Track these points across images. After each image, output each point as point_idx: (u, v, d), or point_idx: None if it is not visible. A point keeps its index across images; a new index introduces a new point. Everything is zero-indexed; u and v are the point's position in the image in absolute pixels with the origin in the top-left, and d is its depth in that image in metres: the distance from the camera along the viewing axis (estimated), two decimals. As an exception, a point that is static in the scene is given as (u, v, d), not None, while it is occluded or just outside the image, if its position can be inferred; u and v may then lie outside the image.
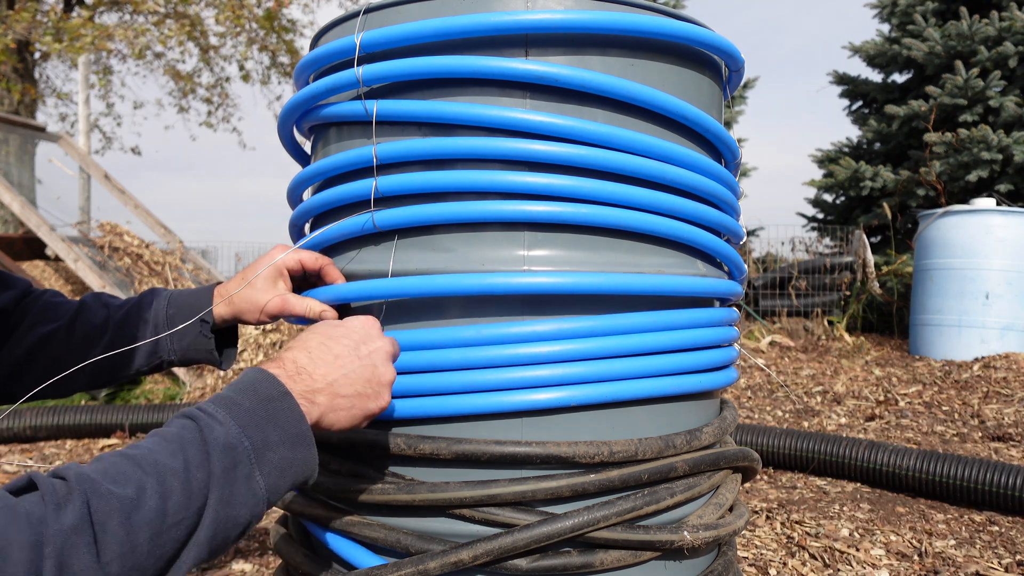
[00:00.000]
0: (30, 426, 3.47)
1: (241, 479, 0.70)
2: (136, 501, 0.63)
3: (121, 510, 0.62)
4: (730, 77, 1.16)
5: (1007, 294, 5.00)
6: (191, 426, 0.71)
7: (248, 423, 0.72)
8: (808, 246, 7.98)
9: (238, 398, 0.74)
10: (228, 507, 0.69)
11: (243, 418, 0.72)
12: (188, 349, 1.09)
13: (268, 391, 0.76)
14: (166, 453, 0.67)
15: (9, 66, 9.80)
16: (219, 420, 0.71)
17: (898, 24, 8.18)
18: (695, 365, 1.03)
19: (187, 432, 0.70)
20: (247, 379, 0.77)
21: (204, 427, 0.70)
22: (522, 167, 0.94)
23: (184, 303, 1.09)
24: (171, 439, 0.69)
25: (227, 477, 0.69)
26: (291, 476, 0.75)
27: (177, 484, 0.66)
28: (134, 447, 0.68)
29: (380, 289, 0.98)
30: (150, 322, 1.09)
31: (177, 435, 0.69)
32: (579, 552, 0.95)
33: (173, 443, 0.68)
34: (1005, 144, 6.58)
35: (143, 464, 0.65)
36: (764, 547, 2.07)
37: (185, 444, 0.68)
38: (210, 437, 0.69)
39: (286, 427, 0.75)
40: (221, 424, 0.71)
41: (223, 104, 12.64)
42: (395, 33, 0.94)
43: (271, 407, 0.75)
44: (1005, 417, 3.46)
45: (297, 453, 0.75)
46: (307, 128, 1.14)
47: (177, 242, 5.74)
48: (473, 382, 0.94)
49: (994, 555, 2.04)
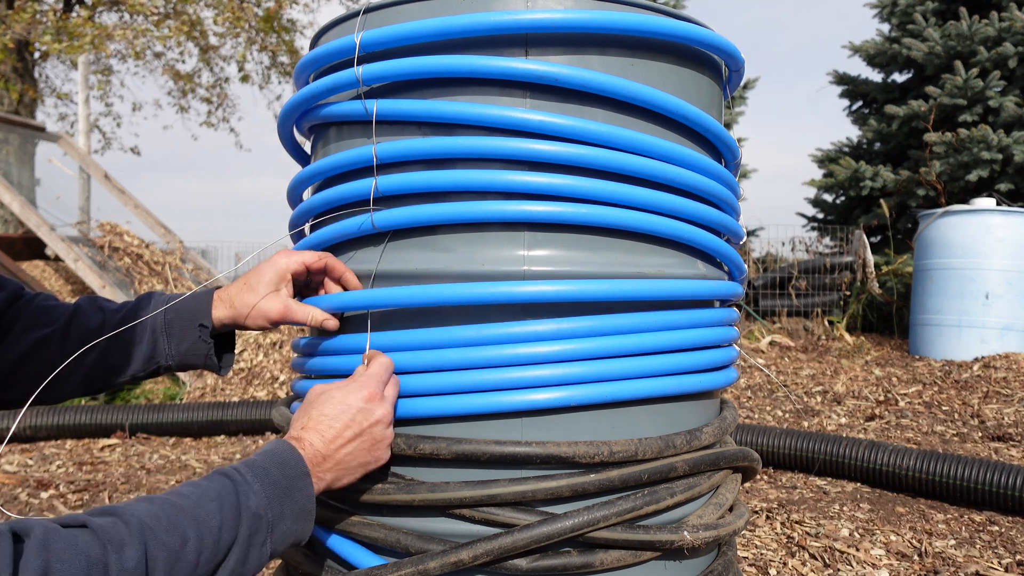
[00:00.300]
0: (30, 426, 3.47)
1: (256, 545, 0.81)
2: (180, 552, 0.73)
3: (168, 558, 0.72)
4: (730, 77, 1.16)
5: (1007, 294, 5.00)
6: (231, 488, 0.81)
7: (273, 496, 0.83)
8: (808, 246, 7.98)
9: (270, 469, 0.85)
10: (241, 566, 0.80)
11: (270, 490, 0.83)
12: (186, 354, 1.07)
13: (294, 468, 0.86)
14: (208, 511, 0.78)
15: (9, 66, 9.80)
16: (254, 490, 0.82)
17: (898, 24, 8.19)
18: (695, 365, 1.03)
19: (226, 493, 0.80)
20: (278, 452, 0.87)
21: (241, 493, 0.81)
22: (522, 167, 0.94)
23: (182, 307, 1.07)
24: (212, 497, 0.79)
25: (248, 542, 0.80)
26: (289, 542, 0.86)
27: (211, 541, 0.76)
28: (180, 495, 0.78)
29: (379, 299, 0.98)
30: (147, 326, 1.07)
31: (218, 494, 0.80)
32: (579, 552, 0.95)
33: (214, 501, 0.79)
34: (1005, 144, 6.58)
35: (190, 516, 0.76)
36: (764, 547, 2.07)
37: (223, 505, 0.79)
38: (243, 504, 0.80)
39: (299, 503, 0.86)
40: (255, 494, 0.82)
41: (223, 104, 12.64)
42: (395, 33, 0.94)
43: (292, 484, 0.85)
44: (1005, 417, 3.46)
45: (299, 525, 0.86)
46: (307, 128, 1.13)
47: (177, 242, 5.74)
48: (473, 382, 0.93)
49: (994, 555, 2.04)
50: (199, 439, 3.62)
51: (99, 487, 2.81)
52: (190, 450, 3.42)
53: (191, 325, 1.06)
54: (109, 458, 3.26)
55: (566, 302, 0.95)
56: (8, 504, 2.63)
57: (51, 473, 3.03)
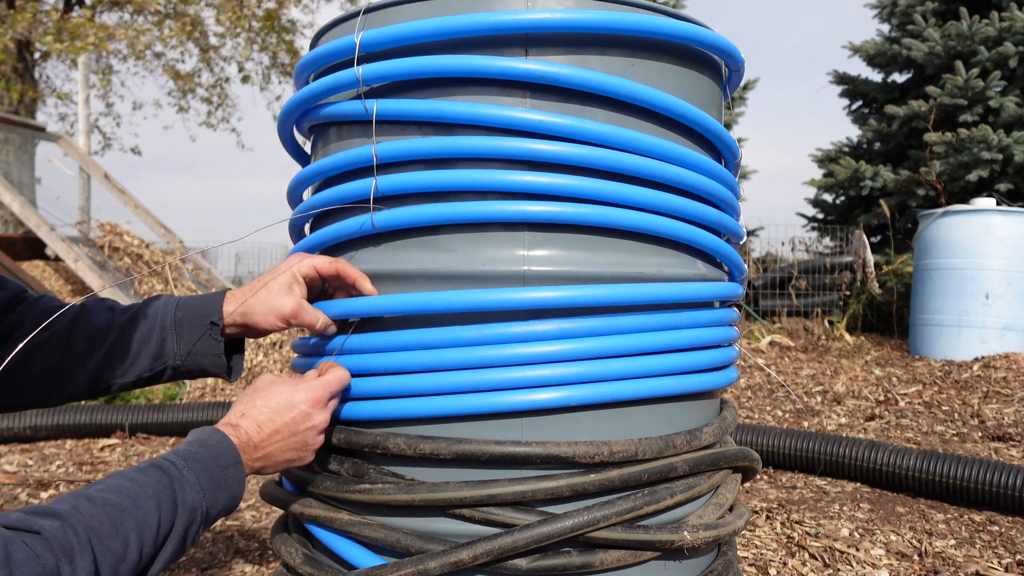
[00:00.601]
0: (30, 426, 3.47)
1: (191, 534, 0.87)
2: (124, 554, 0.78)
3: (113, 563, 0.77)
4: (730, 77, 1.16)
5: (1007, 294, 5.00)
6: (167, 483, 0.85)
7: (207, 487, 0.88)
8: (808, 246, 7.98)
9: (206, 461, 0.89)
10: (178, 552, 0.86)
11: (205, 482, 0.88)
12: (196, 353, 1.06)
13: (226, 459, 0.91)
14: (147, 509, 0.82)
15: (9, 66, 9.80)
16: (189, 484, 0.86)
17: (898, 24, 8.18)
18: (695, 365, 1.03)
19: (163, 490, 0.84)
20: (211, 443, 0.91)
21: (177, 489, 0.85)
22: (522, 166, 0.94)
23: (193, 306, 1.07)
24: (151, 494, 0.83)
25: (184, 532, 0.86)
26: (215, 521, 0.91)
27: (151, 539, 0.81)
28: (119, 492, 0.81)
29: (383, 306, 0.98)
30: (156, 325, 1.06)
31: (155, 490, 0.84)
32: (579, 552, 0.95)
33: (152, 499, 0.83)
34: (1005, 144, 6.58)
35: (130, 519, 0.80)
36: (764, 547, 2.07)
37: (162, 501, 0.83)
38: (180, 499, 0.85)
39: (231, 490, 0.91)
40: (191, 487, 0.86)
41: (223, 104, 12.64)
42: (395, 33, 0.94)
43: (226, 474, 0.90)
44: (1005, 417, 3.46)
45: (228, 506, 0.92)
46: (307, 128, 1.13)
47: (177, 242, 5.75)
48: (473, 382, 0.93)
49: (994, 555, 2.04)
50: (199, 439, 3.61)
51: (99, 487, 2.80)
52: (190, 450, 3.41)
53: (201, 323, 1.05)
54: (109, 458, 3.27)
55: (566, 307, 0.95)
56: (8, 504, 2.63)
57: (51, 473, 3.03)
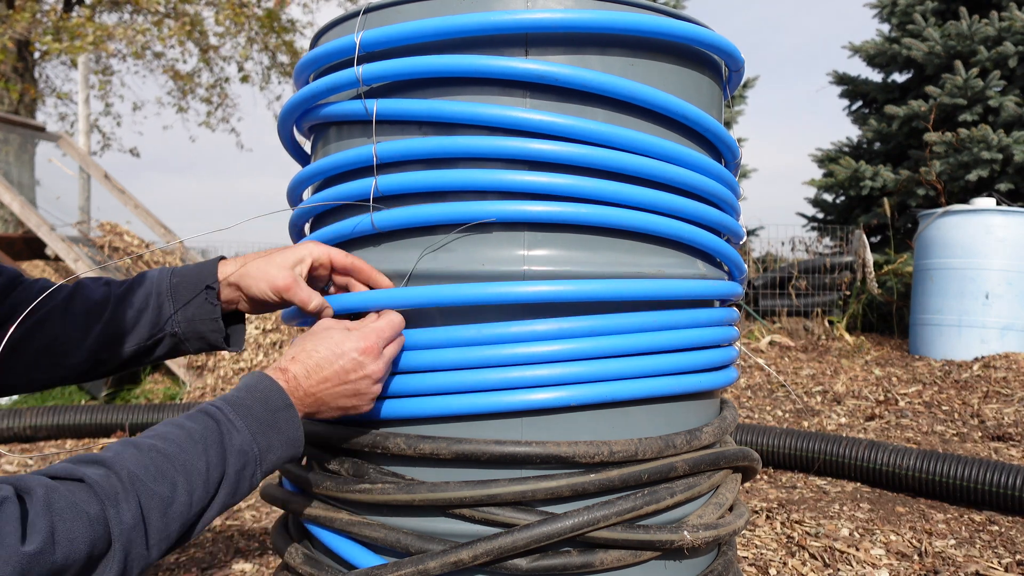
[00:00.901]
0: (30, 425, 3.47)
1: (246, 478, 0.85)
2: (171, 498, 0.77)
3: (160, 507, 0.76)
4: (730, 77, 1.16)
5: (1007, 294, 5.00)
6: (214, 428, 0.84)
7: (258, 431, 0.86)
8: (808, 246, 7.97)
9: (253, 406, 0.87)
10: (233, 497, 0.85)
11: (254, 425, 0.86)
12: (193, 319, 1.04)
13: (275, 402, 0.89)
14: (193, 453, 0.81)
15: (9, 65, 9.80)
16: (237, 428, 0.85)
17: (898, 24, 8.18)
18: (695, 365, 1.03)
19: (211, 434, 0.83)
20: (260, 388, 0.89)
21: (225, 432, 0.84)
22: (522, 166, 0.94)
23: (188, 272, 1.05)
24: (197, 439, 0.82)
25: (237, 476, 0.84)
26: (280, 465, 0.90)
27: (200, 483, 0.80)
28: (165, 439, 0.80)
29: (383, 300, 0.97)
30: (152, 292, 1.05)
31: (202, 436, 0.83)
32: (579, 552, 0.95)
33: (199, 443, 0.82)
34: (1005, 144, 6.58)
35: (176, 463, 0.79)
36: (764, 547, 2.07)
37: (208, 446, 0.82)
38: (228, 443, 0.83)
39: (286, 433, 0.89)
40: (239, 432, 0.85)
41: (222, 104, 12.64)
42: (395, 32, 0.94)
43: (277, 417, 0.88)
44: (1005, 417, 3.46)
45: (289, 452, 0.90)
46: (307, 128, 1.13)
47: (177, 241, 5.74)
48: (473, 382, 0.93)
49: (994, 555, 2.04)
50: (199, 439, 3.62)
51: (99, 487, 2.80)
52: (190, 450, 3.41)
53: (197, 287, 1.04)
54: (109, 458, 3.26)
55: (566, 302, 0.95)
56: (8, 504, 2.63)
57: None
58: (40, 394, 4.48)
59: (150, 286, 1.06)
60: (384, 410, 0.97)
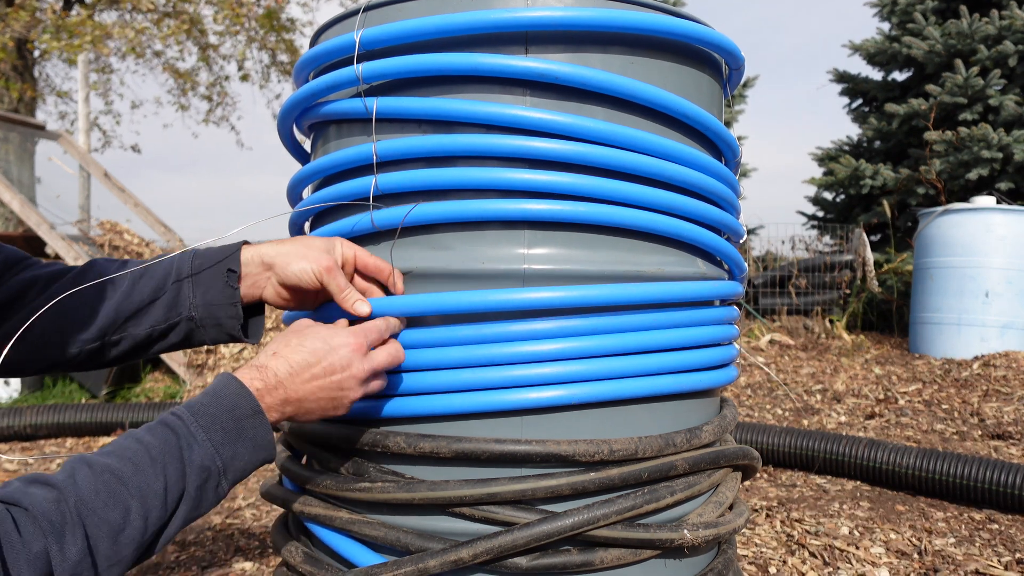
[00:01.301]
0: (30, 424, 3.47)
1: (210, 490, 0.82)
2: (122, 525, 0.74)
3: (110, 534, 0.73)
4: (730, 75, 1.16)
5: (1007, 292, 5.00)
6: (173, 443, 0.80)
7: (222, 441, 0.82)
8: (808, 244, 7.97)
9: (218, 414, 0.83)
10: (196, 511, 0.81)
11: (217, 436, 0.82)
12: (212, 304, 0.99)
13: (243, 409, 0.84)
14: (151, 474, 0.77)
15: (8, 64, 9.79)
16: (198, 441, 0.81)
17: (898, 22, 8.17)
18: (695, 363, 1.03)
19: (169, 450, 0.79)
20: (226, 393, 0.85)
21: (184, 447, 0.80)
22: (522, 164, 0.94)
23: (211, 254, 1.02)
24: (155, 456, 0.78)
25: (198, 493, 0.81)
26: (251, 471, 0.86)
27: (157, 503, 0.77)
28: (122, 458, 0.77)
29: (388, 308, 0.97)
30: (170, 274, 1.01)
31: (160, 451, 0.79)
32: (579, 550, 0.95)
33: (157, 462, 0.78)
34: (1005, 143, 6.58)
35: (129, 486, 0.76)
36: (764, 545, 2.07)
37: (167, 463, 0.79)
38: (188, 458, 0.80)
39: (255, 440, 0.85)
40: (200, 445, 0.81)
41: (222, 102, 12.63)
42: (395, 30, 0.94)
43: (244, 424, 0.84)
44: (1005, 415, 3.46)
45: (259, 456, 0.86)
46: (307, 126, 1.13)
47: (177, 240, 5.74)
48: (473, 380, 0.93)
49: (994, 553, 2.04)
50: (199, 437, 3.62)
51: (99, 485, 2.80)
52: (190, 448, 3.41)
53: (219, 271, 1.00)
54: (109, 456, 3.26)
55: (567, 307, 0.95)
56: (8, 502, 2.63)
57: (51, 471, 3.03)
58: (40, 392, 4.48)
59: (169, 267, 1.01)
60: (384, 409, 0.97)
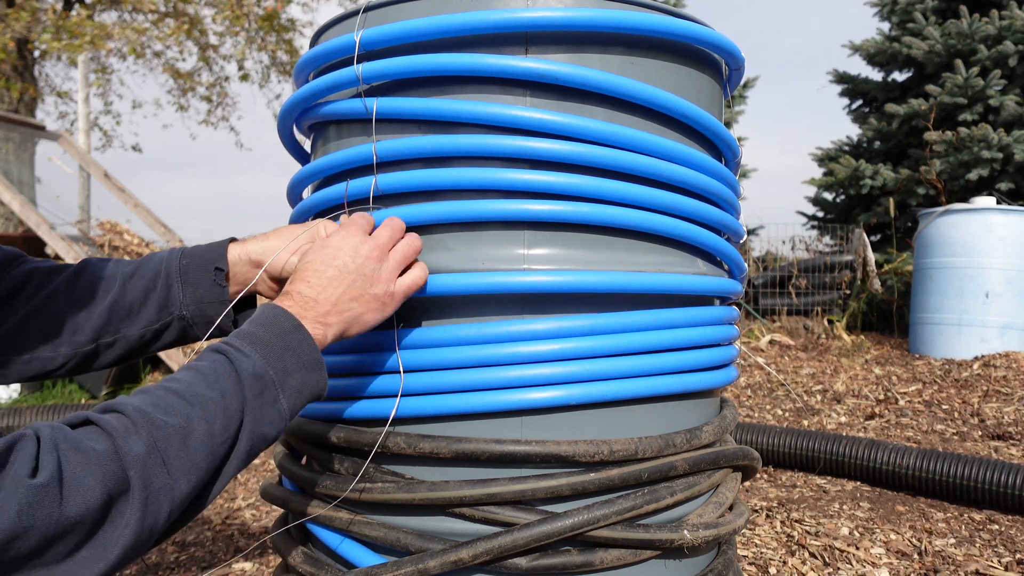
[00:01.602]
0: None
1: (268, 403, 0.81)
2: (187, 428, 0.74)
3: (177, 436, 0.73)
4: (730, 76, 1.16)
5: (1007, 293, 5.00)
6: (223, 360, 0.80)
7: (270, 355, 0.82)
8: (808, 245, 7.97)
9: (260, 333, 0.83)
10: (259, 426, 0.80)
11: (265, 350, 0.82)
12: (202, 302, 1.02)
13: (284, 325, 0.85)
14: (204, 385, 0.77)
15: (8, 64, 9.79)
16: (246, 354, 0.81)
17: (898, 22, 8.18)
18: (695, 364, 1.03)
19: (220, 366, 0.80)
20: (266, 315, 0.86)
21: (235, 360, 0.80)
22: (522, 165, 0.94)
23: (198, 253, 1.04)
24: (207, 372, 0.79)
25: (257, 402, 0.80)
26: (306, 395, 0.85)
27: (218, 411, 0.77)
28: (174, 380, 0.78)
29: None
30: (161, 273, 1.03)
31: (212, 369, 0.79)
32: (579, 551, 0.95)
33: (209, 376, 0.78)
34: (1005, 143, 6.58)
35: (187, 396, 0.76)
36: (764, 545, 2.07)
37: (220, 377, 0.79)
38: (240, 369, 0.80)
39: (302, 355, 0.84)
40: (248, 357, 0.81)
41: (222, 103, 12.64)
42: (395, 31, 0.94)
43: (288, 339, 0.84)
44: (1005, 416, 3.46)
45: (311, 376, 0.85)
46: (307, 126, 1.13)
47: (177, 240, 5.74)
48: (473, 381, 0.93)
49: (994, 553, 2.04)
50: (199, 438, 3.62)
51: (99, 486, 2.80)
52: (190, 449, 3.41)
53: (207, 269, 1.02)
54: (109, 457, 3.26)
55: (564, 293, 0.95)
56: (8, 503, 2.63)
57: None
58: (40, 393, 4.48)
59: (159, 266, 1.03)
60: (384, 409, 0.97)
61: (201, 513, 0.77)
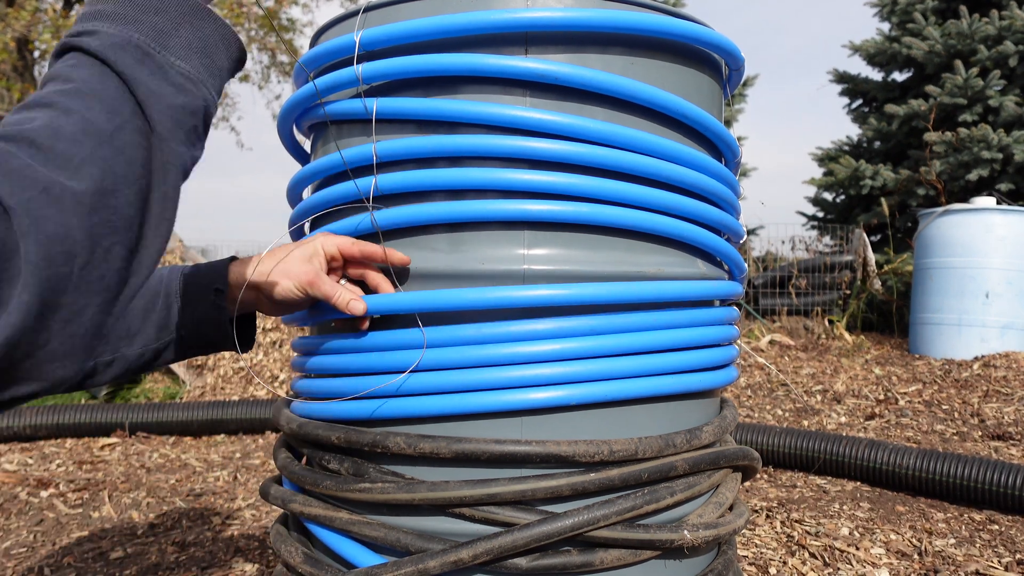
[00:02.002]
0: (30, 425, 3.47)
1: (156, 71, 0.67)
2: (51, 126, 0.60)
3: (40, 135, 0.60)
4: (730, 76, 1.16)
5: (1007, 293, 5.00)
6: (72, 55, 0.67)
7: (124, 22, 0.68)
8: (808, 245, 7.98)
9: (105, 7, 0.69)
10: (163, 98, 0.67)
11: (115, 20, 0.68)
12: (200, 323, 1.00)
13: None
14: (57, 84, 0.64)
15: (8, 64, 9.79)
16: (93, 32, 0.67)
17: (898, 23, 8.18)
18: (695, 364, 1.03)
19: (70, 60, 0.66)
20: None
21: (85, 46, 0.66)
22: (522, 165, 0.94)
23: (199, 272, 1.02)
24: (58, 74, 0.65)
25: (139, 71, 0.66)
26: (212, 52, 0.73)
27: (91, 100, 0.63)
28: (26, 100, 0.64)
29: (385, 305, 0.97)
30: (161, 293, 1.00)
31: (63, 68, 0.66)
32: (579, 551, 0.95)
33: (62, 74, 0.65)
34: (1005, 143, 6.58)
35: (40, 103, 0.63)
36: (764, 546, 2.07)
37: (75, 67, 0.65)
38: (92, 48, 0.66)
39: (173, 7, 0.70)
40: (95, 34, 0.67)
41: (222, 103, 12.65)
42: (395, 31, 0.94)
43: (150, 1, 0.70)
44: (1005, 416, 3.46)
45: (202, 26, 0.73)
46: (306, 126, 1.13)
47: (177, 241, 5.74)
48: (473, 381, 0.93)
49: (994, 554, 2.04)
50: (199, 438, 3.63)
51: (99, 486, 2.81)
52: (190, 449, 3.42)
53: (207, 290, 1.00)
54: (109, 457, 3.27)
55: (566, 306, 0.95)
56: (8, 503, 2.63)
57: (51, 472, 3.03)
58: (40, 393, 4.48)
59: (159, 286, 1.01)
60: (384, 409, 0.97)
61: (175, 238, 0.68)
